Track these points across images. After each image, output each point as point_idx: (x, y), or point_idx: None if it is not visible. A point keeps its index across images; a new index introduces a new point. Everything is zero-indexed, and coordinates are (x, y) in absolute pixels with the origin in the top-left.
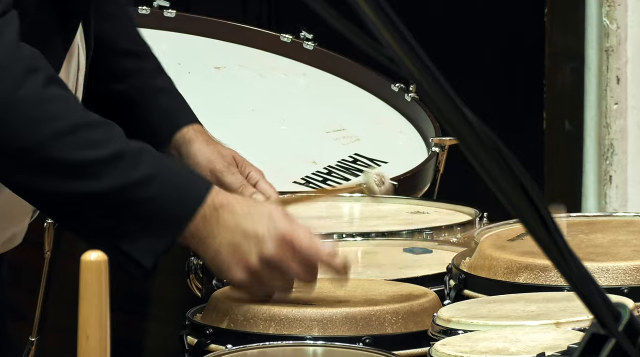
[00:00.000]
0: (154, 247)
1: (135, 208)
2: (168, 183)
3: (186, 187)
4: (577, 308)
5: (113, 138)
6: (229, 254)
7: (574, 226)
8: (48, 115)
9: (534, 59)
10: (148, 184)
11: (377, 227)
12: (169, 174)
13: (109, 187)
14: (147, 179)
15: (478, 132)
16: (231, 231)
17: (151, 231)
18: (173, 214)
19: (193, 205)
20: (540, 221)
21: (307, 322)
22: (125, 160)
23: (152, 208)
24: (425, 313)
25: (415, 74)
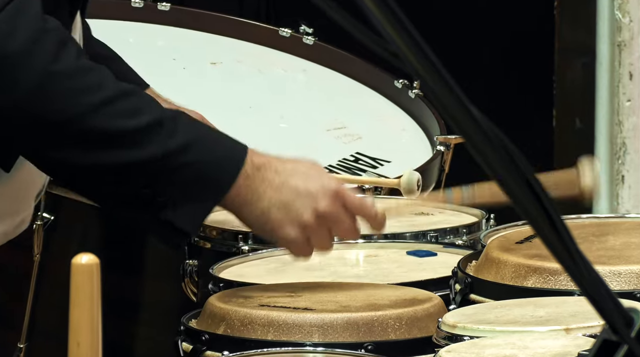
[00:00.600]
0: (196, 212)
1: (177, 174)
2: (207, 147)
3: (225, 149)
4: (588, 313)
5: (150, 105)
6: (281, 212)
7: (585, 228)
8: (87, 86)
9: (543, 54)
10: (188, 149)
11: None
12: (206, 139)
13: (151, 155)
14: (187, 144)
15: (484, 130)
16: (280, 190)
17: (192, 196)
18: (214, 178)
19: (234, 167)
20: (550, 222)
21: (307, 327)
22: (164, 127)
23: (193, 173)
24: (429, 318)
25: (419, 69)
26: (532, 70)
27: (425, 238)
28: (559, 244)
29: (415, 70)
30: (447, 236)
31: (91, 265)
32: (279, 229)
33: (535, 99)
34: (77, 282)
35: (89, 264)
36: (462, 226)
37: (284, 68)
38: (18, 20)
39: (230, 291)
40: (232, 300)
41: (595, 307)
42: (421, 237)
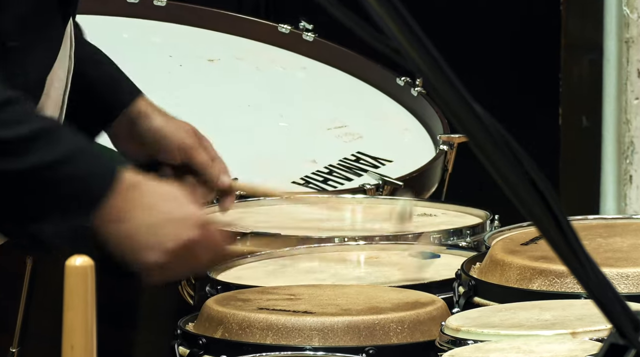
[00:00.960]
0: (63, 229)
1: (53, 188)
2: (80, 165)
3: (98, 168)
4: (595, 317)
5: (32, 115)
6: (147, 236)
7: (592, 229)
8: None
9: (548, 50)
10: (62, 165)
11: (382, 230)
12: (82, 155)
13: (30, 165)
14: (62, 160)
15: (488, 128)
16: (148, 213)
17: (62, 212)
18: (83, 197)
19: (105, 185)
20: (555, 223)
21: (307, 331)
22: (45, 138)
23: (63, 190)
24: (432, 322)
25: (422, 66)
26: (537, 67)
27: (429, 239)
28: (565, 245)
29: (418, 67)
30: (451, 238)
31: (85, 267)
32: (143, 252)
33: (541, 96)
34: (71, 285)
35: (83, 266)
36: (465, 227)
37: (284, 65)
38: None
39: (228, 294)
40: (230, 303)
41: (602, 311)
42: None
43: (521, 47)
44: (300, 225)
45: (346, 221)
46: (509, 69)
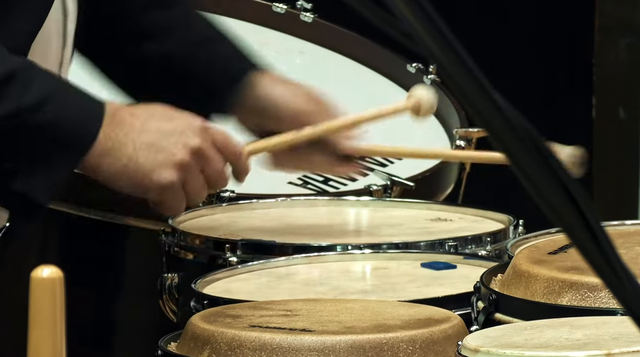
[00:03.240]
0: (53, 179)
1: (31, 136)
2: (62, 104)
3: (81, 106)
4: (633, 336)
5: (3, 55)
6: (152, 154)
7: (629, 237)
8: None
9: (580, 32)
10: (41, 107)
11: (390, 237)
12: (61, 95)
13: (6, 111)
14: (40, 102)
15: (511, 122)
16: (145, 133)
17: (47, 161)
18: (71, 138)
19: (91, 124)
20: (588, 229)
21: (305, 352)
22: (16, 82)
23: (48, 134)
24: (447, 341)
25: (435, 51)
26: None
27: (443, 248)
28: (599, 254)
29: (431, 52)
30: (468, 246)
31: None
32: (152, 173)
33: (572, 85)
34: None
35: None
36: (485, 233)
37: (279, 49)
38: None
39: (216, 310)
40: (217, 320)
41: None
42: (438, 247)
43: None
44: (298, 231)
45: (349, 225)
46: (535, 54)
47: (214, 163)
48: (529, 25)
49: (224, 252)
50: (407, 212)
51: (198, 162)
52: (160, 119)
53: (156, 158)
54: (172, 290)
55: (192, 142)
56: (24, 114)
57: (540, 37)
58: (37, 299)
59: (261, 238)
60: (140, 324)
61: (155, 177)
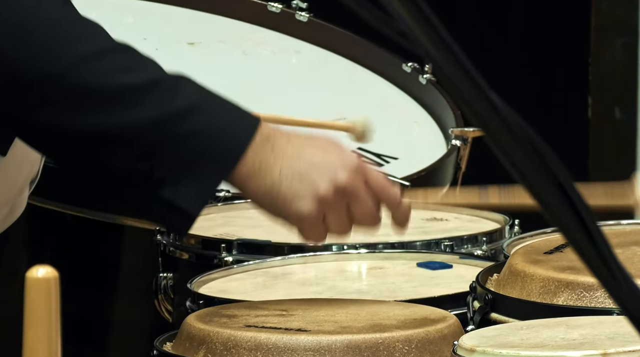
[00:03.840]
0: (201, 189)
1: (179, 143)
2: (213, 113)
3: (233, 118)
4: (629, 336)
5: (147, 62)
6: (295, 183)
7: (626, 236)
8: (73, 36)
9: (577, 32)
10: (192, 114)
11: (386, 237)
12: (212, 103)
13: (151, 117)
14: (191, 108)
15: (507, 121)
16: (293, 160)
17: (196, 170)
18: (221, 149)
19: (244, 137)
20: (584, 229)
21: (301, 352)
22: (163, 88)
23: (198, 142)
24: (443, 341)
25: (431, 51)
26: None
27: (439, 248)
28: (595, 254)
29: (427, 51)
30: (464, 245)
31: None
32: (292, 203)
33: (568, 84)
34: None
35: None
36: (481, 233)
37: (274, 49)
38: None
39: (211, 309)
40: (213, 320)
41: (637, 329)
42: (434, 247)
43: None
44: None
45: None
46: (531, 54)
47: (362, 203)
48: (525, 24)
49: (219, 252)
50: None
51: (342, 199)
52: (314, 149)
53: (299, 188)
54: (167, 290)
55: (340, 178)
56: (171, 120)
57: (536, 36)
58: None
59: (257, 238)
60: (136, 324)
61: (294, 207)
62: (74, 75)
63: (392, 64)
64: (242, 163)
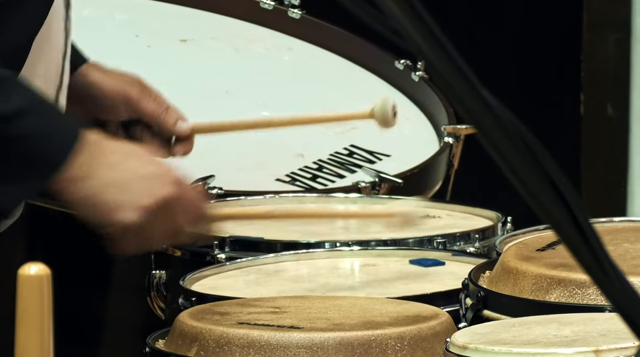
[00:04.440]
0: (18, 192)
1: (4, 146)
2: (38, 119)
3: (58, 123)
4: (621, 333)
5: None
6: (118, 193)
7: (618, 233)
8: None
9: (569, 29)
10: (18, 119)
11: (378, 234)
12: (39, 108)
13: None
14: (17, 113)
15: (500, 118)
16: (118, 170)
17: (17, 174)
18: (44, 155)
19: (67, 144)
20: (576, 226)
21: (294, 349)
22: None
23: (20, 148)
24: (436, 338)
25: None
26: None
27: (431, 245)
28: (587, 251)
29: (420, 49)
30: (457, 243)
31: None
32: (115, 212)
33: (560, 81)
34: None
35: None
36: (474, 230)
37: (266, 46)
38: None
39: (204, 307)
40: (205, 317)
41: (629, 326)
42: (426, 244)
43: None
44: (287, 228)
45: (337, 222)
46: (523, 51)
47: (176, 218)
48: (517, 22)
49: (212, 249)
50: None
51: (161, 212)
52: (138, 161)
53: (122, 198)
54: (160, 287)
55: (161, 191)
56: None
57: (528, 34)
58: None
59: (249, 235)
60: (129, 322)
61: (117, 217)
62: None
63: (384, 61)
64: (64, 169)
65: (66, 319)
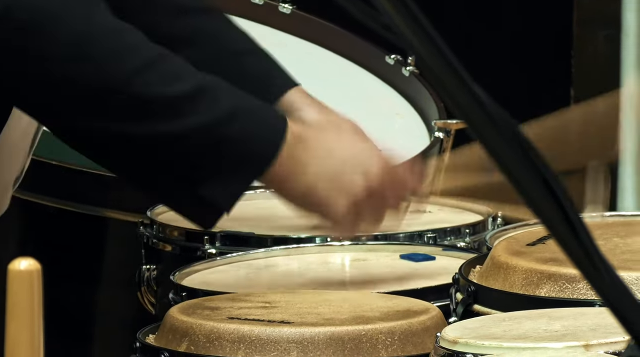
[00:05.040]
0: (235, 188)
1: (221, 147)
2: (247, 118)
3: (265, 120)
4: (611, 327)
5: (191, 70)
6: (330, 185)
7: (608, 228)
8: (126, 47)
9: (559, 24)
10: (230, 121)
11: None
12: (246, 108)
13: (194, 126)
14: (230, 115)
15: (490, 113)
16: (327, 160)
17: (232, 170)
18: (256, 150)
19: (277, 138)
20: (566, 221)
21: (284, 344)
22: (207, 95)
23: (236, 145)
24: (426, 333)
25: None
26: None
27: (422, 239)
28: (577, 246)
29: (410, 44)
30: (447, 237)
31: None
32: (329, 205)
33: (550, 77)
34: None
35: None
36: (464, 225)
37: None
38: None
39: (194, 302)
40: (196, 312)
41: (619, 320)
42: (417, 239)
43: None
44: (277, 223)
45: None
46: (513, 46)
47: (390, 200)
48: (508, 18)
49: (202, 244)
50: None
51: (375, 196)
52: (344, 145)
53: (332, 189)
54: (150, 282)
55: (372, 175)
56: (214, 126)
57: (519, 29)
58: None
59: (240, 230)
60: (119, 316)
61: (332, 209)
62: (130, 88)
63: (375, 56)
64: (276, 165)
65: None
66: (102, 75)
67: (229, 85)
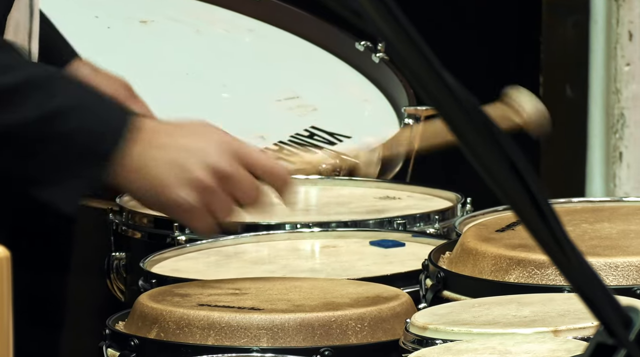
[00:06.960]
0: (75, 189)
1: (53, 144)
2: (87, 113)
3: (107, 116)
4: (580, 313)
5: (23, 62)
6: (170, 172)
7: (577, 214)
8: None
9: (527, 10)
10: (66, 115)
11: (339, 215)
12: (87, 103)
13: (23, 119)
14: (65, 110)
15: (460, 100)
16: (168, 150)
17: (70, 170)
18: (94, 148)
19: (116, 135)
20: (535, 207)
21: (254, 330)
22: (40, 88)
23: (71, 143)
24: (396, 319)
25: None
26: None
27: (392, 226)
28: (546, 232)
29: (380, 30)
30: (417, 224)
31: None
32: (169, 192)
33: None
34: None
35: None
36: (433, 211)
37: (227, 28)
38: None
39: (164, 289)
40: (165, 299)
41: (587, 306)
42: (386, 225)
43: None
44: None
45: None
46: (482, 32)
47: (241, 185)
48: (476, 3)
49: (172, 231)
50: (356, 191)
51: (220, 183)
52: (186, 135)
53: (174, 176)
54: (120, 269)
55: (213, 161)
56: (45, 121)
57: (487, 15)
58: None
59: None
60: (88, 303)
61: (173, 196)
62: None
63: (345, 43)
64: (119, 163)
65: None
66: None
67: (73, 81)
